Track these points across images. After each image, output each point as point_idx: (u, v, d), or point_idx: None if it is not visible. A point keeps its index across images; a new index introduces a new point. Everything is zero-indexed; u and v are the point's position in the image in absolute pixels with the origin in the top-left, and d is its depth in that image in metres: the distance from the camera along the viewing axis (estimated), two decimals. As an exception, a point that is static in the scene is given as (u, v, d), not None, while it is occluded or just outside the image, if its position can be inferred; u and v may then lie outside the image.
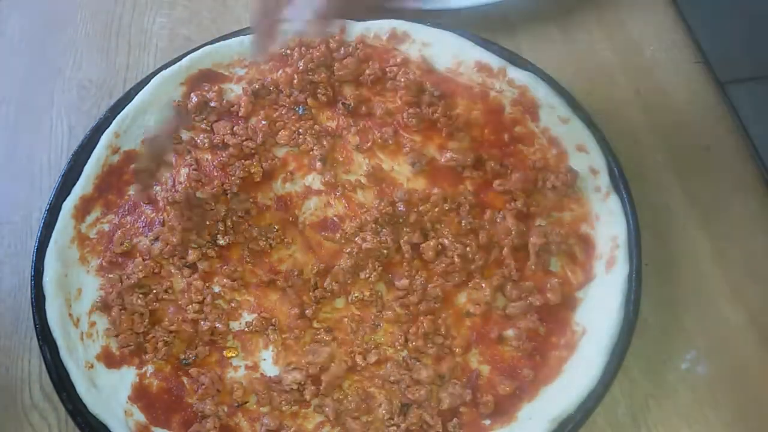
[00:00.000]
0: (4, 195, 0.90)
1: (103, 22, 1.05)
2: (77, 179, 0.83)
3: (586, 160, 0.79)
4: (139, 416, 0.71)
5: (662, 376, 0.72)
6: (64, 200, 0.81)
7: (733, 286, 0.77)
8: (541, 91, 0.82)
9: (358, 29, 0.89)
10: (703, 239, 0.80)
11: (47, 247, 0.78)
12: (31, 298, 0.76)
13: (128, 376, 0.74)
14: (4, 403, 0.76)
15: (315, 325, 0.75)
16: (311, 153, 0.83)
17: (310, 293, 0.76)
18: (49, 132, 0.94)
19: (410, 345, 0.72)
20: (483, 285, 0.74)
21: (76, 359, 0.73)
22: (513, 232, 0.76)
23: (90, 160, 0.84)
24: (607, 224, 0.75)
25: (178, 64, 0.89)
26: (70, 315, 0.75)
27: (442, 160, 0.82)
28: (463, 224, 0.77)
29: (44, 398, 0.77)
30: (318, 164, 0.82)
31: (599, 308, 0.71)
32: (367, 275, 0.76)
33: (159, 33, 1.03)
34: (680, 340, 0.74)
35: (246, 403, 0.72)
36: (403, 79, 0.85)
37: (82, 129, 0.94)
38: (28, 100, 0.98)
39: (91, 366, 0.73)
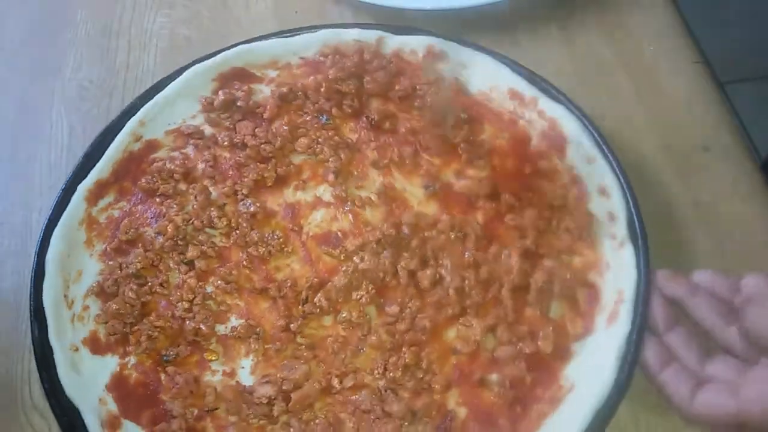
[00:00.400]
0: (4, 195, 0.90)
1: (103, 22, 1.05)
2: (97, 162, 0.82)
3: (606, 204, 0.74)
4: (113, 406, 0.70)
5: (662, 376, 0.72)
6: (81, 182, 0.81)
7: (733, 287, 0.77)
8: (570, 126, 0.78)
9: (395, 42, 0.86)
10: (703, 239, 0.80)
11: (56, 226, 0.78)
12: (32, 274, 0.76)
13: (110, 364, 0.73)
14: (4, 403, 0.76)
15: (299, 340, 0.73)
16: (326, 164, 0.82)
17: (300, 306, 0.75)
18: (49, 132, 0.94)
19: (389, 375, 0.70)
20: (474, 323, 0.72)
21: (62, 340, 0.72)
22: (515, 270, 0.72)
23: (112, 145, 0.83)
24: (617, 275, 0.70)
25: (212, 59, 0.88)
26: (65, 296, 0.75)
27: (457, 186, 0.79)
28: (466, 255, 0.75)
29: (44, 398, 0.77)
30: (331, 176, 0.81)
31: (592, 365, 0.67)
32: (359, 296, 0.74)
33: (159, 33, 1.03)
34: (680, 340, 0.74)
35: (216, 409, 0.71)
36: (429, 99, 0.82)
37: (82, 129, 0.94)
38: (28, 100, 0.98)
39: (76, 349, 0.73)
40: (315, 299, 0.75)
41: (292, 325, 0.74)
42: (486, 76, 0.84)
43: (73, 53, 1.02)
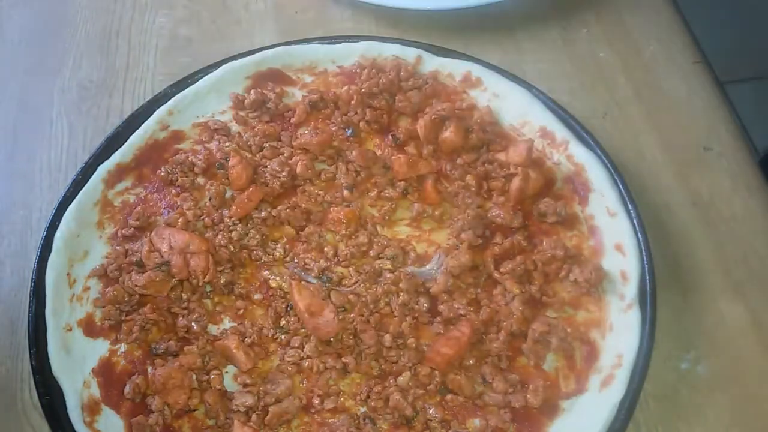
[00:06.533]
0: (4, 195, 0.90)
1: (103, 22, 1.05)
2: (121, 145, 0.83)
3: (621, 262, 0.73)
4: (95, 391, 0.71)
5: (662, 376, 0.72)
6: (101, 163, 0.82)
7: (733, 286, 0.77)
8: (597, 175, 0.77)
9: (433, 64, 0.86)
10: (704, 239, 0.80)
11: (71, 204, 0.79)
12: (38, 250, 0.77)
13: (101, 348, 0.73)
14: (4, 403, 0.76)
15: (289, 353, 0.73)
16: (342, 181, 0.81)
17: (282, 317, 0.74)
18: (49, 132, 0.94)
19: (371, 403, 0.69)
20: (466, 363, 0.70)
21: (58, 318, 0.73)
22: (515, 317, 0.71)
23: (138, 131, 0.84)
24: (619, 338, 0.69)
25: (250, 57, 0.89)
26: (68, 275, 0.76)
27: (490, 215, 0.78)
28: (470, 292, 0.74)
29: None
30: (345, 192, 0.80)
31: (579, 426, 0.66)
32: (352, 320, 0.73)
33: (159, 33, 1.03)
34: (680, 340, 0.74)
35: (195, 410, 0.71)
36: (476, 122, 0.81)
37: (82, 129, 0.94)
38: (28, 100, 0.98)
39: (70, 329, 0.73)
40: (296, 313, 0.73)
41: (283, 337, 0.74)
42: (519, 110, 0.83)
43: (73, 53, 1.02)
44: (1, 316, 0.81)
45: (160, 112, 0.86)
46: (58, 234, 0.77)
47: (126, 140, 0.84)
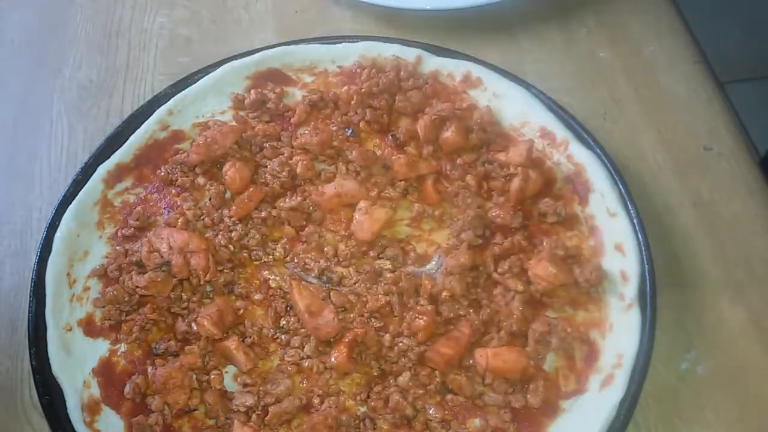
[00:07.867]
0: (4, 195, 0.90)
1: (103, 22, 1.05)
2: (121, 145, 0.83)
3: (621, 262, 0.73)
4: (95, 390, 0.71)
5: (662, 376, 0.72)
6: (101, 163, 0.82)
7: (733, 286, 0.77)
8: (597, 175, 0.77)
9: (433, 63, 0.86)
10: (703, 239, 0.80)
11: (71, 204, 0.79)
12: (38, 250, 0.77)
13: (101, 348, 0.73)
14: (4, 403, 0.76)
15: (289, 353, 0.73)
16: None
17: (282, 317, 0.74)
18: (49, 132, 0.94)
19: (371, 403, 0.69)
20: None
21: (58, 318, 0.73)
22: (515, 317, 0.71)
23: (138, 131, 0.84)
24: (619, 338, 0.69)
25: (249, 57, 0.89)
26: (68, 274, 0.76)
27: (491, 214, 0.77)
28: (470, 292, 0.74)
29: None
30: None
31: (579, 426, 0.66)
32: (352, 320, 0.73)
33: (159, 33, 1.03)
34: (680, 340, 0.74)
35: (195, 410, 0.71)
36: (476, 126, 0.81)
37: (82, 129, 0.94)
38: (28, 100, 0.98)
39: (70, 329, 0.74)
40: (296, 313, 0.73)
41: (283, 337, 0.74)
42: (519, 110, 0.83)
43: (73, 53, 1.02)
44: (1, 316, 0.81)
45: (160, 112, 0.86)
46: (58, 234, 0.77)
47: (126, 140, 0.84)
